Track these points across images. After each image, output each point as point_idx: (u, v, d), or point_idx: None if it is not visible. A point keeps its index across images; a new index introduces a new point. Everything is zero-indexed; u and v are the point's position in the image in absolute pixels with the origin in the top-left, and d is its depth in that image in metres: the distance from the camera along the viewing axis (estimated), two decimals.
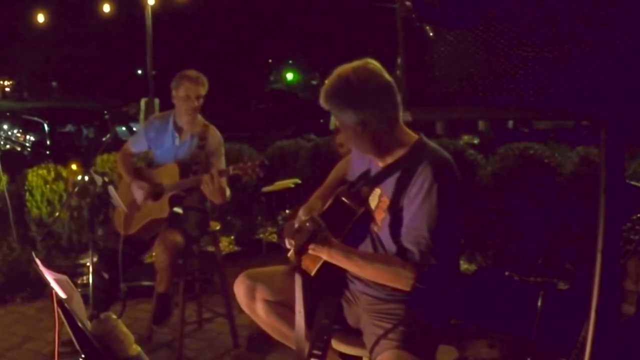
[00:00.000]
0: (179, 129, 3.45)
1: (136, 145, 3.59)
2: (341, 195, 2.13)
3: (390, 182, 2.03)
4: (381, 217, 2.04)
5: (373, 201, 2.08)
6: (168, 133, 3.46)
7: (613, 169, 1.20)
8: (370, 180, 2.12)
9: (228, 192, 3.36)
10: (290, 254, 2.13)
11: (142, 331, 3.56)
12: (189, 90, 3.34)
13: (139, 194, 3.31)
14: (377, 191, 2.07)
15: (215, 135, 3.45)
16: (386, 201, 2.02)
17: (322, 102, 2.04)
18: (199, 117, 3.48)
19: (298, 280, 1.86)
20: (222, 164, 3.42)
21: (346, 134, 2.11)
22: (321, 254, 1.97)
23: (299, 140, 6.53)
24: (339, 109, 2.01)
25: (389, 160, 2.06)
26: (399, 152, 2.04)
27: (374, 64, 2.01)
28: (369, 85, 1.96)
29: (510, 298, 3.41)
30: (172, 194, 3.24)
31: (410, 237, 1.93)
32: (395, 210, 1.98)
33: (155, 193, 3.29)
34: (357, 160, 2.25)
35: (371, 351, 2.01)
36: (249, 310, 2.25)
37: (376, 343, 1.99)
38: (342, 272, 2.15)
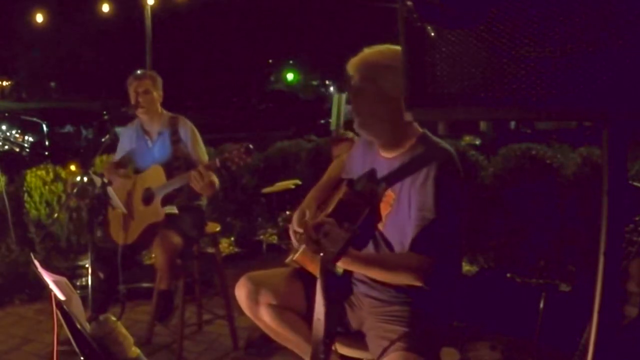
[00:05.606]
0: (147, 132, 3.48)
1: (118, 155, 3.62)
2: (346, 196, 2.09)
3: (396, 175, 2.01)
4: (386, 212, 2.02)
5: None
6: (140, 138, 3.49)
7: (616, 170, 1.18)
8: (376, 176, 2.10)
9: (217, 183, 3.36)
10: (288, 259, 2.11)
11: (142, 333, 3.55)
12: (134, 87, 3.35)
13: (117, 181, 3.32)
14: (382, 185, 2.05)
15: (185, 124, 3.44)
16: (391, 195, 2.01)
17: (360, 66, 2.02)
18: (163, 113, 3.48)
19: (319, 287, 1.75)
20: (200, 150, 3.40)
21: (366, 110, 2.02)
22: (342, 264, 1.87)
23: (300, 141, 6.50)
24: (380, 74, 1.97)
25: (395, 152, 2.05)
26: (405, 145, 2.04)
27: None
28: None
29: (512, 300, 3.40)
30: (163, 195, 3.23)
31: (418, 228, 1.90)
32: (400, 203, 1.97)
33: (146, 197, 3.28)
34: (359, 158, 2.22)
35: (376, 353, 1.98)
36: (252, 314, 2.19)
37: (381, 345, 1.97)
38: (348, 274, 2.12)
